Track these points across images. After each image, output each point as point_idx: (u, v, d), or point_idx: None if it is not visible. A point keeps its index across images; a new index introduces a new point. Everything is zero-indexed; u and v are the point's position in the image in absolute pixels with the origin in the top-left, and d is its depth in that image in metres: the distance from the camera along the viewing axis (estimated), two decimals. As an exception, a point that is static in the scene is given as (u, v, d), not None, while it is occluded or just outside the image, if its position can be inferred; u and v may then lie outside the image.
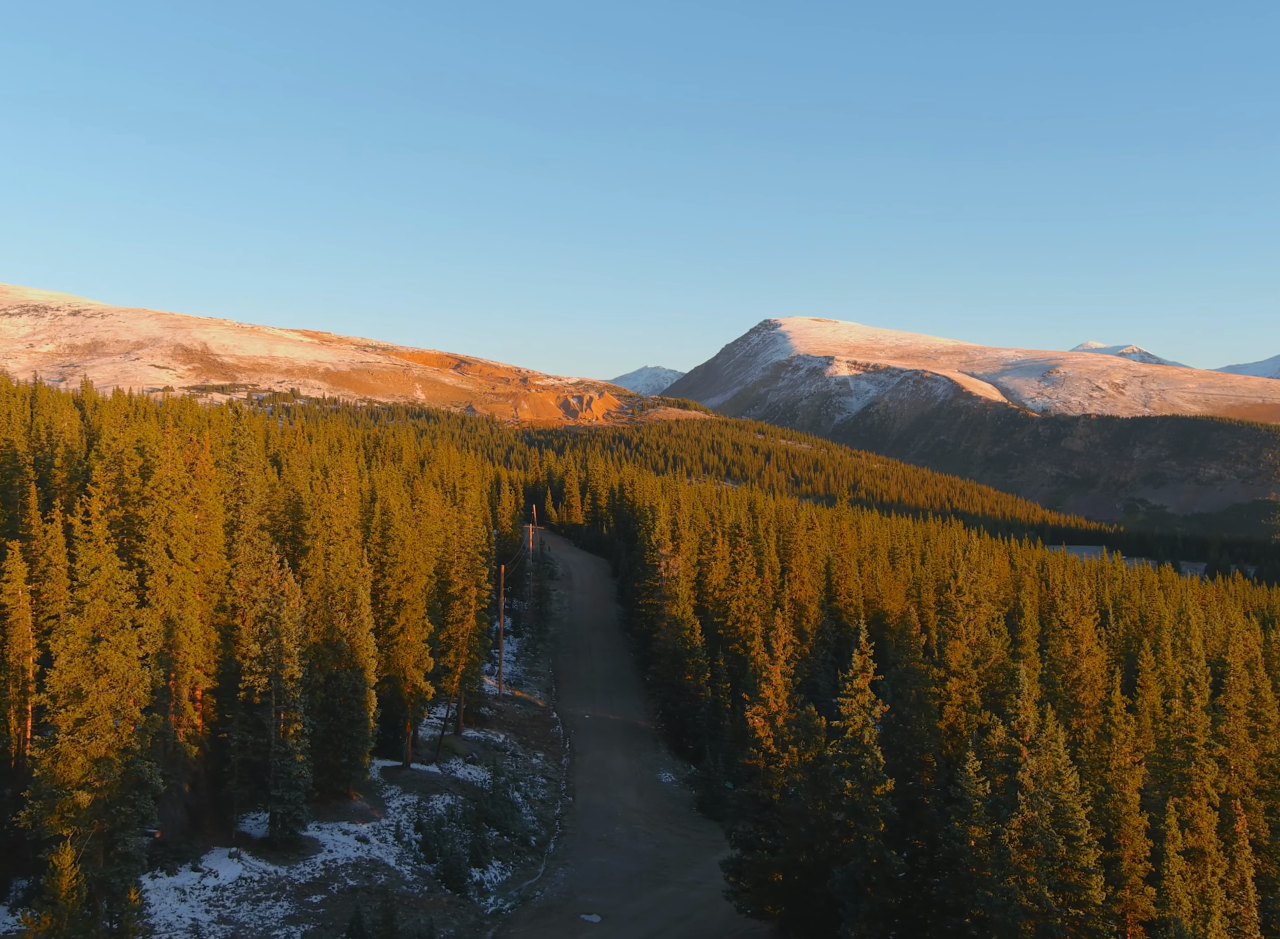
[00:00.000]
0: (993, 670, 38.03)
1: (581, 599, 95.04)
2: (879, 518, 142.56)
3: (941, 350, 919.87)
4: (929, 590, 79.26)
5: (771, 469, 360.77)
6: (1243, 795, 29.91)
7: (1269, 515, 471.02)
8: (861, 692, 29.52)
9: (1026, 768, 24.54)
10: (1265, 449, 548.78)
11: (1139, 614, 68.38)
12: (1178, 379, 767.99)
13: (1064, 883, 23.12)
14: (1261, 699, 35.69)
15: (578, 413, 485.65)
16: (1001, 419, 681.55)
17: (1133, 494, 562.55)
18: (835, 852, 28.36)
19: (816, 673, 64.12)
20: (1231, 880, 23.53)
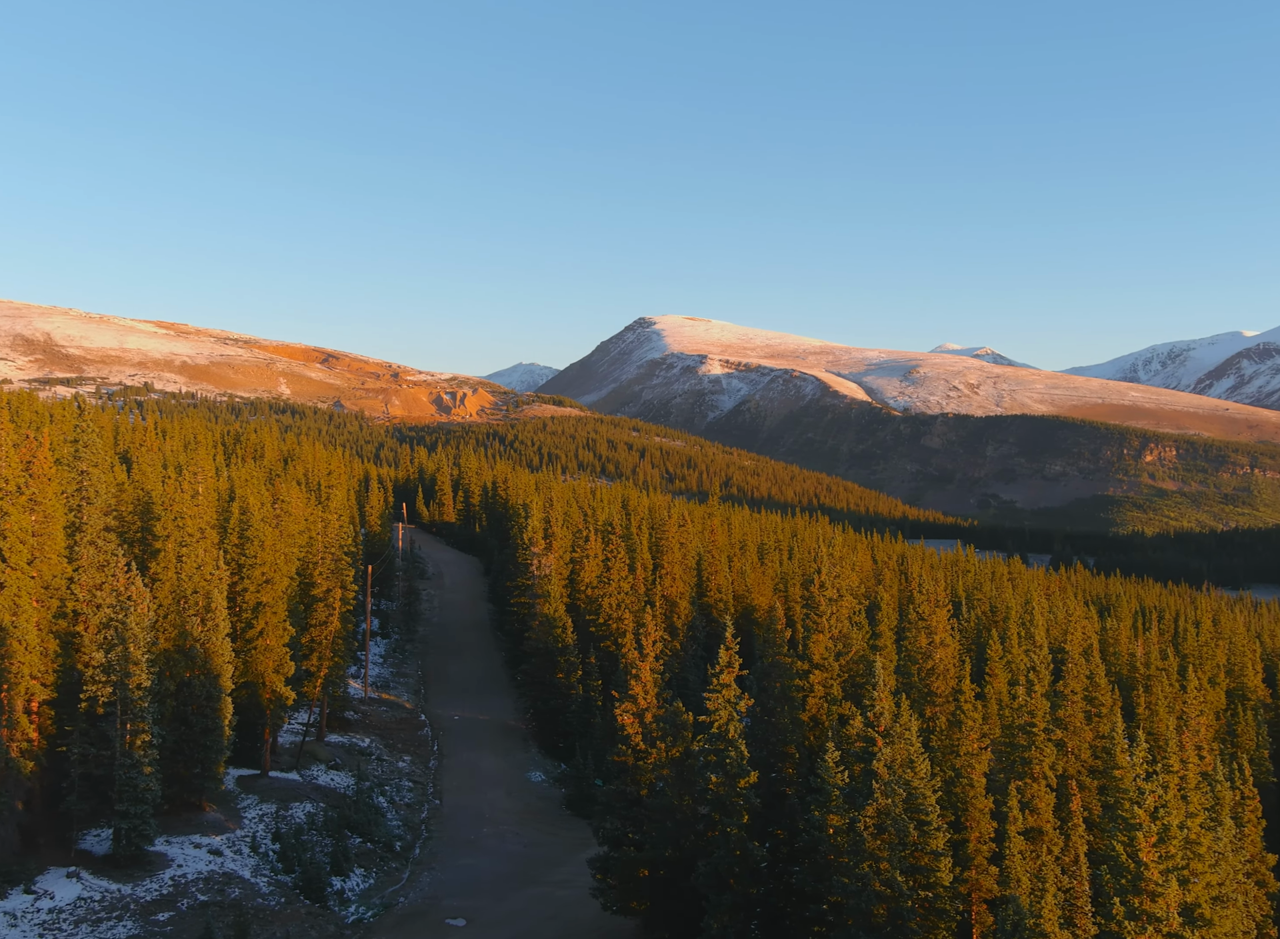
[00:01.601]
0: (853, 662, 39.27)
1: (452, 598, 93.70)
2: (749, 514, 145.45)
3: (810, 350, 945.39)
4: (795, 585, 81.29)
5: (646, 466, 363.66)
6: (1078, 776, 31.81)
7: (1107, 509, 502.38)
8: (727, 687, 30.02)
9: (881, 757, 25.46)
10: (1104, 447, 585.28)
11: (989, 605, 71.75)
12: (1027, 380, 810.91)
13: (915, 866, 24.11)
14: (1096, 684, 38.04)
15: (451, 409, 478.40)
16: (866, 417, 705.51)
17: (986, 490, 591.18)
18: (700, 845, 28.78)
19: (686, 668, 64.96)
20: (1066, 857, 25.01)
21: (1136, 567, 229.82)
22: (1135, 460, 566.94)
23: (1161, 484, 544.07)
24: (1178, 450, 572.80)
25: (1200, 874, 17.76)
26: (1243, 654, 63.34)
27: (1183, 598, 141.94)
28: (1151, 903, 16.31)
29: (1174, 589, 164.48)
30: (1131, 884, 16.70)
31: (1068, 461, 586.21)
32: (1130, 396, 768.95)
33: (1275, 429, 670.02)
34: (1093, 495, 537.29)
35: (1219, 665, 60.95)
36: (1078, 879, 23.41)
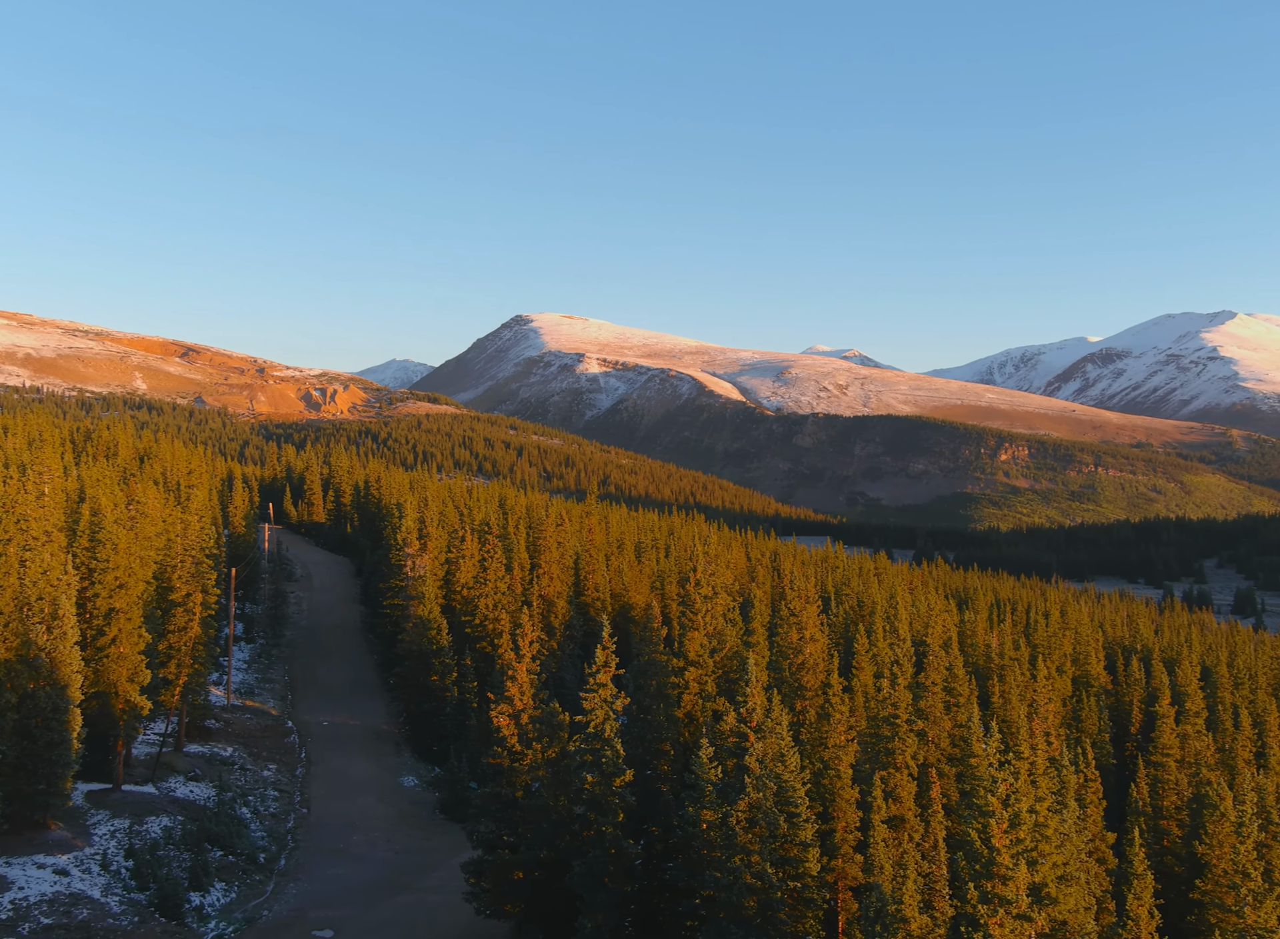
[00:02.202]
0: (728, 659, 39.96)
1: (322, 600, 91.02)
2: (627, 512, 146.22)
3: (686, 350, 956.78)
4: (672, 583, 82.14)
5: (524, 465, 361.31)
6: (938, 764, 33.20)
7: (966, 506, 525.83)
8: (604, 686, 30.12)
9: (754, 752, 25.99)
10: (963, 446, 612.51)
11: (857, 600, 74.07)
12: (892, 381, 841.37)
13: (784, 858, 24.72)
14: (955, 675, 39.76)
15: (321, 406, 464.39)
16: (740, 417, 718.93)
17: (854, 488, 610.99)
18: (575, 845, 28.79)
19: (564, 668, 64.84)
20: (926, 843, 26.10)
21: (993, 561, 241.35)
22: (991, 459, 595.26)
23: (1015, 482, 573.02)
24: (1030, 450, 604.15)
25: (1047, 855, 18.81)
26: (1087, 644, 67.23)
27: (1034, 590, 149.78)
28: (1003, 886, 17.21)
29: (1026, 582, 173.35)
30: (985, 869, 17.57)
31: (930, 460, 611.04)
32: (987, 398, 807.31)
33: (1116, 430, 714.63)
34: (953, 493, 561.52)
35: (1066, 655, 64.52)
36: (936, 864, 24.48)
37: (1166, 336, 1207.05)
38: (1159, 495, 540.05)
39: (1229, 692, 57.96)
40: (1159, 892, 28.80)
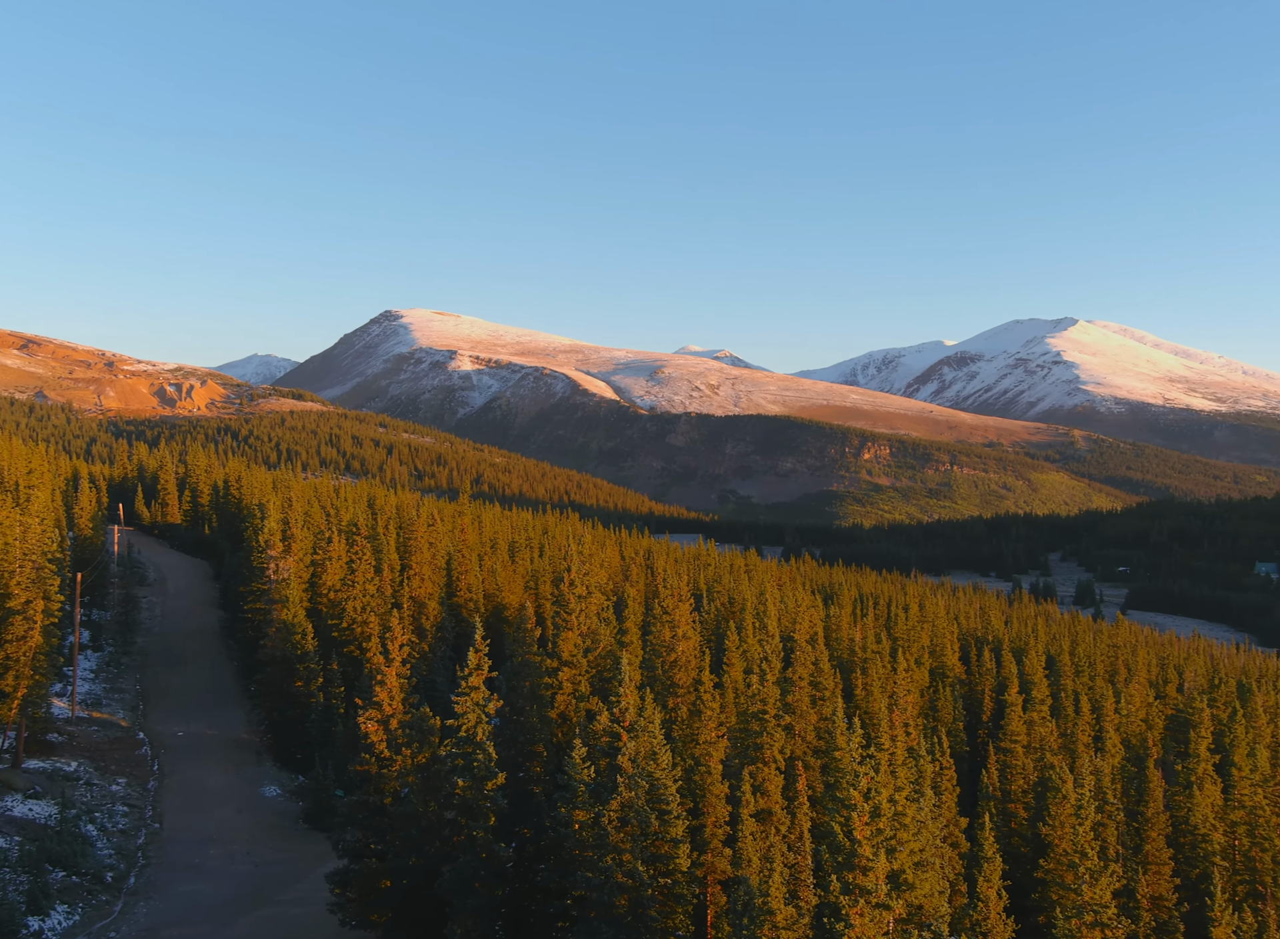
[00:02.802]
0: (601, 658, 40.10)
1: (178, 606, 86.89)
2: (501, 512, 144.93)
3: (560, 348, 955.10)
4: (546, 582, 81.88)
5: (394, 463, 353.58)
6: (804, 756, 34.16)
7: (832, 504, 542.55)
8: (476, 689, 29.76)
9: (626, 751, 26.16)
10: (829, 445, 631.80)
11: (728, 597, 75.43)
12: (762, 382, 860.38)
13: (655, 855, 24.98)
14: (821, 670, 40.96)
15: (176, 402, 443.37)
16: (615, 416, 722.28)
17: (725, 486, 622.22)
18: (446, 851, 28.38)
19: (435, 670, 63.80)
20: (793, 835, 26.84)
21: (857, 556, 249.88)
22: (855, 458, 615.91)
23: (878, 480, 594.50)
24: (891, 449, 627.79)
25: (905, 843, 19.61)
26: (943, 635, 70.29)
27: (895, 585, 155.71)
28: (863, 877, 17.87)
29: (888, 577, 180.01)
30: (847, 861, 18.20)
31: (797, 459, 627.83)
32: (851, 399, 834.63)
33: (970, 430, 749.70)
34: (819, 490, 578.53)
35: (924, 647, 67.30)
36: (802, 854, 25.20)
37: (1015, 341, 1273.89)
38: (1009, 492, 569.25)
39: (1071, 679, 61.59)
40: (1007, 872, 30.41)
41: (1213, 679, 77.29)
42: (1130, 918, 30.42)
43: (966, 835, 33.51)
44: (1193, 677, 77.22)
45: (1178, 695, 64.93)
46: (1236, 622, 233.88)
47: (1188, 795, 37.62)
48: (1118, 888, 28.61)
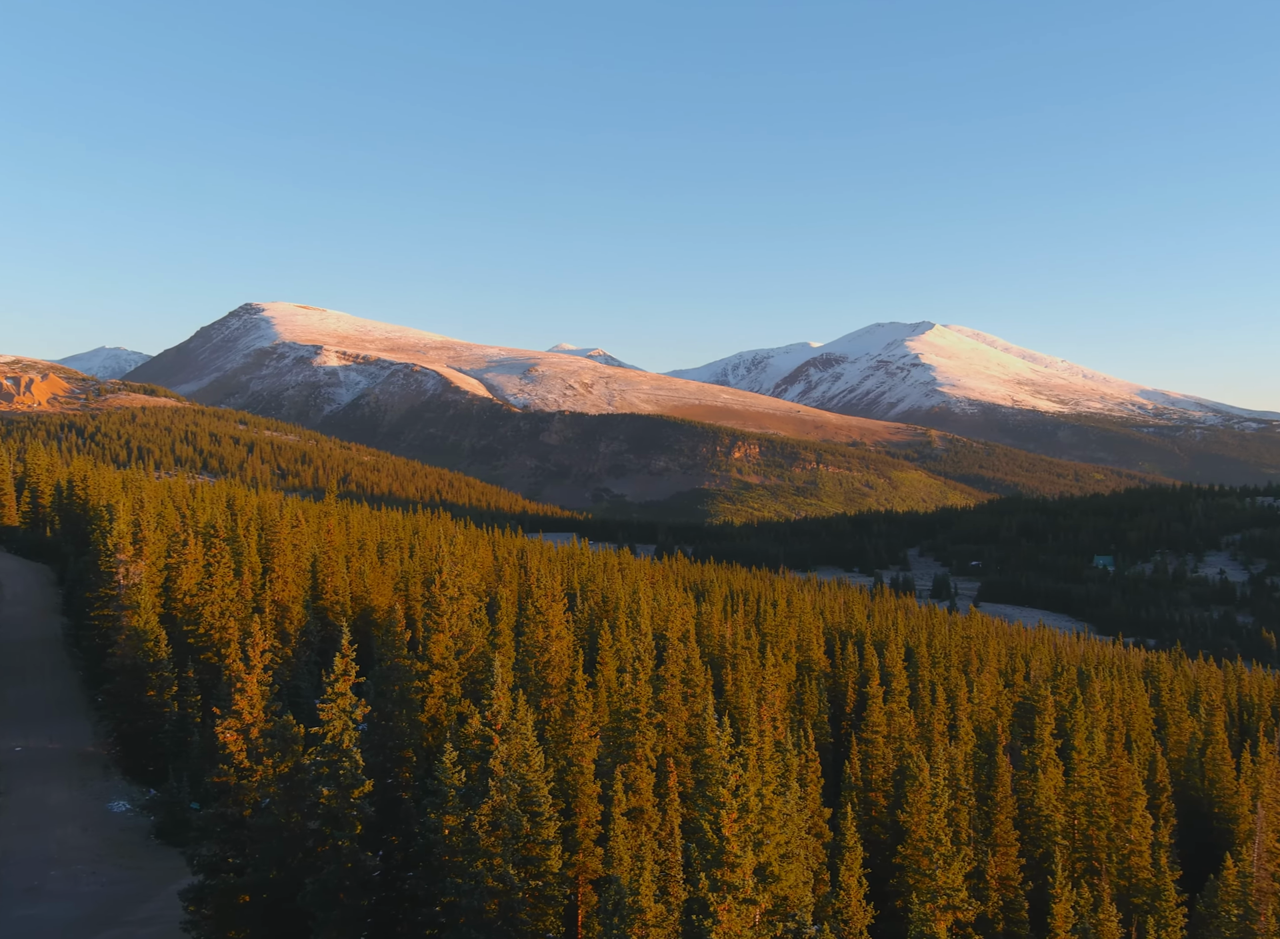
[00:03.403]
0: (474, 660, 39.67)
1: (15, 613, 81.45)
2: (369, 511, 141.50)
3: (431, 345, 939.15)
4: (416, 584, 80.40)
5: (255, 462, 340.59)
6: (676, 753, 34.61)
7: (704, 502, 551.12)
8: (343, 695, 28.97)
9: (498, 754, 25.94)
10: (701, 444, 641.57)
11: (602, 595, 75.69)
12: (635, 381, 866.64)
13: (527, 858, 24.87)
14: (692, 667, 41.55)
15: (14, 397, 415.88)
16: (487, 414, 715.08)
17: (599, 484, 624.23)
18: (309, 862, 27.55)
19: (299, 676, 61.78)
20: (663, 832, 27.16)
21: (728, 553, 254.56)
22: (726, 457, 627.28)
23: (748, 478, 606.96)
24: (760, 448, 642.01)
25: (772, 836, 20.13)
26: (809, 630, 72.32)
27: (764, 581, 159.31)
28: (731, 873, 18.27)
29: (757, 573, 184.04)
30: (715, 858, 18.56)
31: (670, 458, 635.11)
32: (722, 399, 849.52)
33: (835, 429, 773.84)
34: (691, 489, 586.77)
35: (791, 642, 69.09)
36: (672, 851, 25.53)
37: (877, 344, 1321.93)
38: (871, 490, 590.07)
39: (928, 670, 64.28)
40: (868, 860, 31.55)
41: (1056, 667, 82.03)
42: (980, 899, 32.02)
43: (830, 825, 34.63)
44: (1038, 665, 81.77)
45: (1025, 684, 68.62)
46: (1078, 612, 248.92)
47: (1033, 779, 39.83)
48: (969, 870, 30.07)
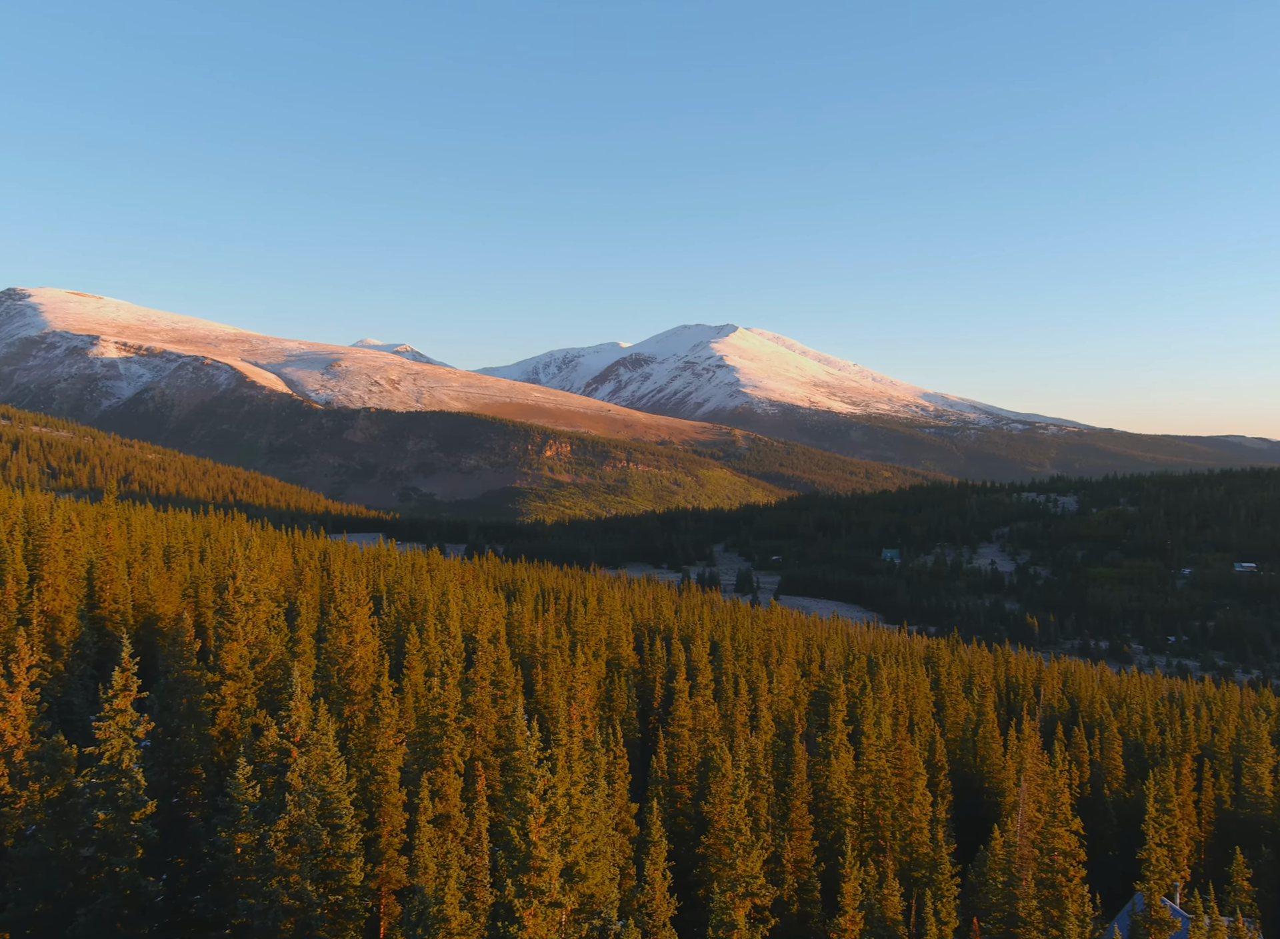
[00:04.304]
0: (271, 669, 37.89)
1: None
2: (154, 513, 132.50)
3: (224, 337, 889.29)
4: (208, 590, 75.89)
5: (21, 460, 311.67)
6: (485, 756, 34.29)
7: (515, 500, 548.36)
8: (122, 711, 27.04)
9: (296, 767, 24.90)
10: (512, 442, 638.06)
11: (410, 598, 73.98)
12: (444, 378, 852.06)
13: (326, 872, 24.00)
14: (502, 668, 41.27)
15: None
16: (286, 410, 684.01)
17: (407, 483, 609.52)
18: (82, 891, 25.54)
19: (72, 691, 57.03)
20: (471, 836, 26.85)
21: (539, 552, 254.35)
22: (538, 455, 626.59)
23: (559, 477, 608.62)
24: (572, 446, 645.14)
25: (579, 835, 20.30)
26: (619, 628, 73.35)
27: (575, 579, 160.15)
28: (538, 878, 18.30)
29: (569, 572, 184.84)
30: (522, 864, 18.55)
31: (481, 456, 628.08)
32: (533, 397, 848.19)
33: (645, 428, 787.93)
34: (503, 487, 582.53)
35: (601, 640, 69.84)
36: (479, 855, 25.28)
37: (684, 345, 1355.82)
38: (679, 488, 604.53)
39: (731, 663, 66.58)
40: (673, 851, 32.36)
41: (848, 657, 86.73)
42: (776, 883, 33.49)
43: (637, 820, 35.26)
44: (832, 655, 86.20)
45: (820, 673, 72.22)
46: (868, 602, 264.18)
47: (826, 764, 41.98)
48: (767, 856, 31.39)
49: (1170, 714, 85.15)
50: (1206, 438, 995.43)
